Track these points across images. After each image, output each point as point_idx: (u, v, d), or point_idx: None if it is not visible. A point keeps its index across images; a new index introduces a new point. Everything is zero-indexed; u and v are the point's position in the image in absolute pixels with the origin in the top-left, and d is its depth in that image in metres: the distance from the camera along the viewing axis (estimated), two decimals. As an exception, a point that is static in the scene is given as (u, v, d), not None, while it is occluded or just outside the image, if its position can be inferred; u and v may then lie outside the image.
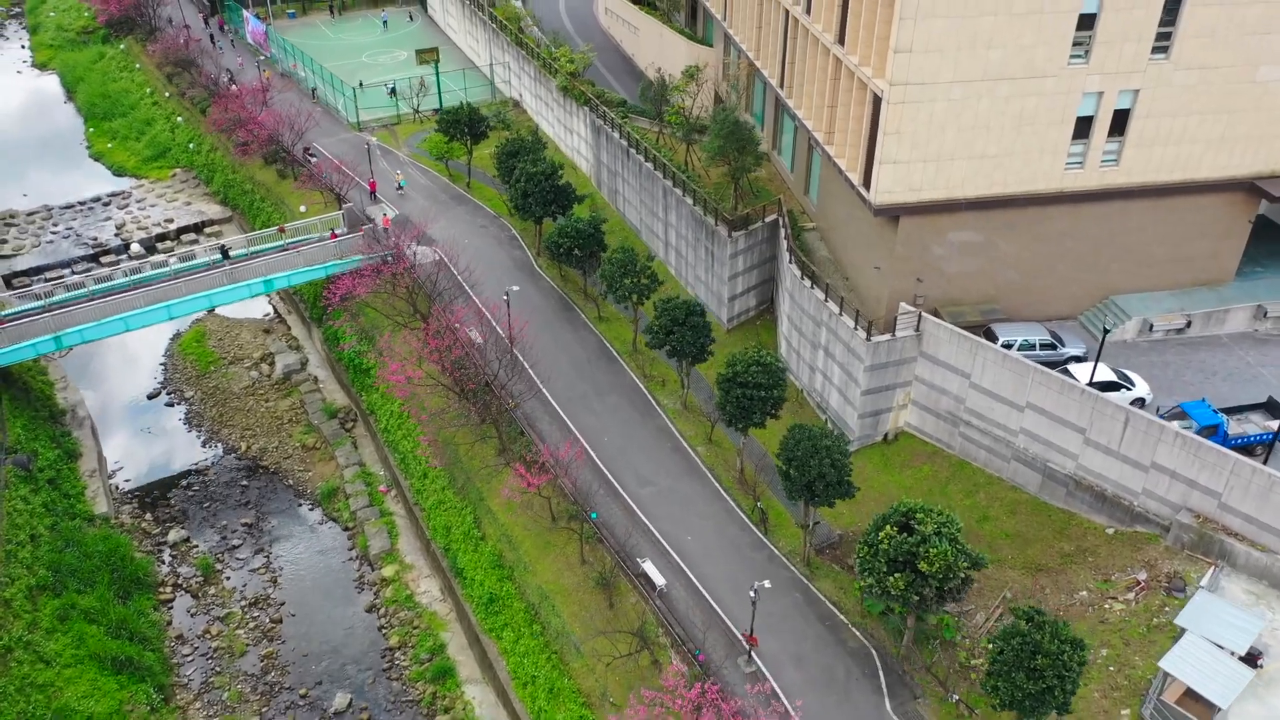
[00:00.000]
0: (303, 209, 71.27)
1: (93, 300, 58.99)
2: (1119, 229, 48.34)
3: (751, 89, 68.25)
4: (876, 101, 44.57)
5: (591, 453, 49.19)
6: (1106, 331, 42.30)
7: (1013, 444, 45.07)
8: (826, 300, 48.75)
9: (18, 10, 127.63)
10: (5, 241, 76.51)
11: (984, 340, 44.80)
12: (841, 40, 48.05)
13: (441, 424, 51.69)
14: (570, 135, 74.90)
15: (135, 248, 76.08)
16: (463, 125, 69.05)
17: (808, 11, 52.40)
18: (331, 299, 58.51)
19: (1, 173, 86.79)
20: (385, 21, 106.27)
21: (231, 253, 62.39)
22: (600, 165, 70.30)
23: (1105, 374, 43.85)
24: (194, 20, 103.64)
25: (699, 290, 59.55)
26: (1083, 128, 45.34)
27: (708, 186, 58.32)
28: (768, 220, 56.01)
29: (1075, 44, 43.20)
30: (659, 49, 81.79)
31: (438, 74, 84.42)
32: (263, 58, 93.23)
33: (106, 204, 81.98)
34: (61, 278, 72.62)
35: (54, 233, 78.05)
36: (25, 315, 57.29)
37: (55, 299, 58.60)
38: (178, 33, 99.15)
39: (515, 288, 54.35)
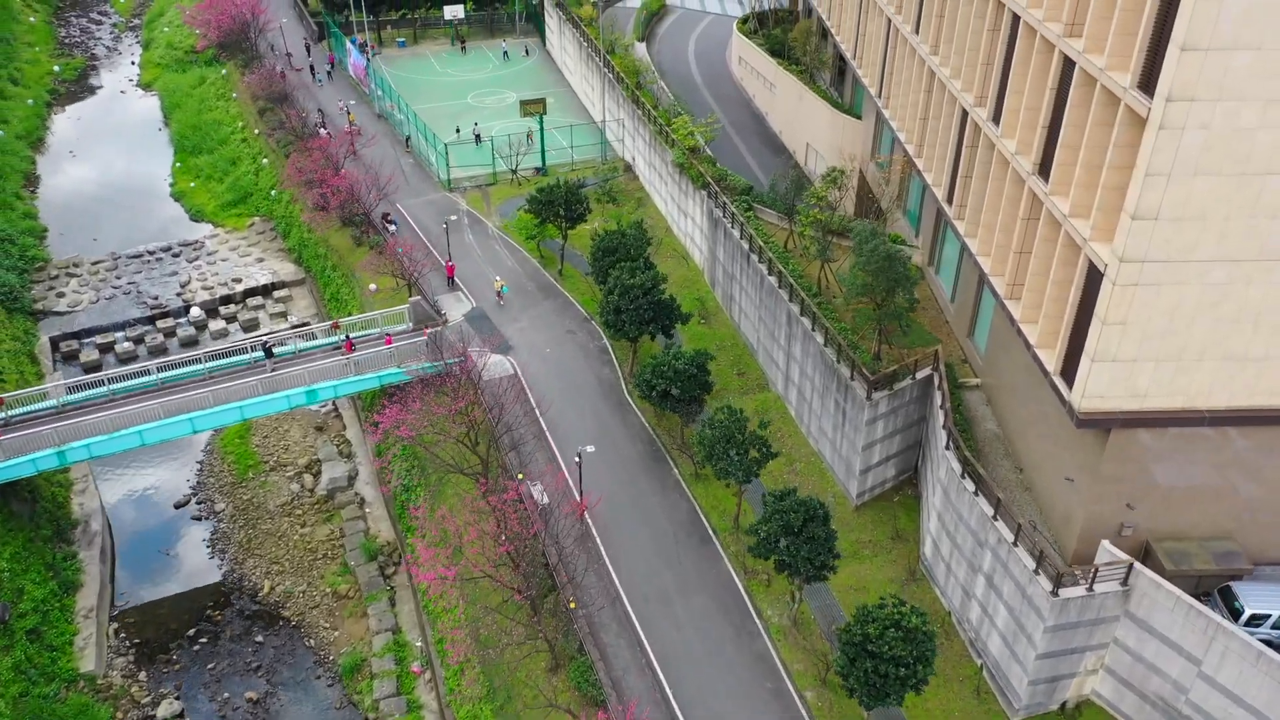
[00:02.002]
0: (372, 288, 62.28)
1: (113, 401, 51.18)
2: None
3: (908, 180, 55.75)
4: (1094, 274, 31.93)
5: (665, 685, 37.94)
6: None
7: (1258, 770, 31.84)
8: (995, 519, 36.26)
9: (137, 22, 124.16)
10: (63, 295, 70.10)
11: (1224, 621, 31.65)
12: (1044, 173, 35.45)
13: (484, 618, 41.30)
14: (684, 219, 63.78)
15: (195, 311, 68.56)
16: (557, 207, 58.67)
17: (995, 120, 39.88)
18: (374, 432, 49.02)
19: (79, 210, 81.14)
20: (505, 53, 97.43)
21: (276, 350, 53.67)
22: (715, 262, 58.94)
23: None
24: (297, 48, 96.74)
25: (823, 446, 47.62)
26: (1396, 326, 31.73)
27: (845, 317, 46.30)
28: (919, 376, 43.74)
29: (1404, 216, 29.72)
30: (796, 112, 70.05)
31: (542, 129, 74.46)
32: (352, 102, 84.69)
33: (176, 255, 75.01)
34: (112, 343, 65.83)
35: (115, 287, 71.32)
36: (33, 418, 49.82)
37: (70, 399, 50.88)
38: (275, 62, 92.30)
39: (590, 448, 43.44)
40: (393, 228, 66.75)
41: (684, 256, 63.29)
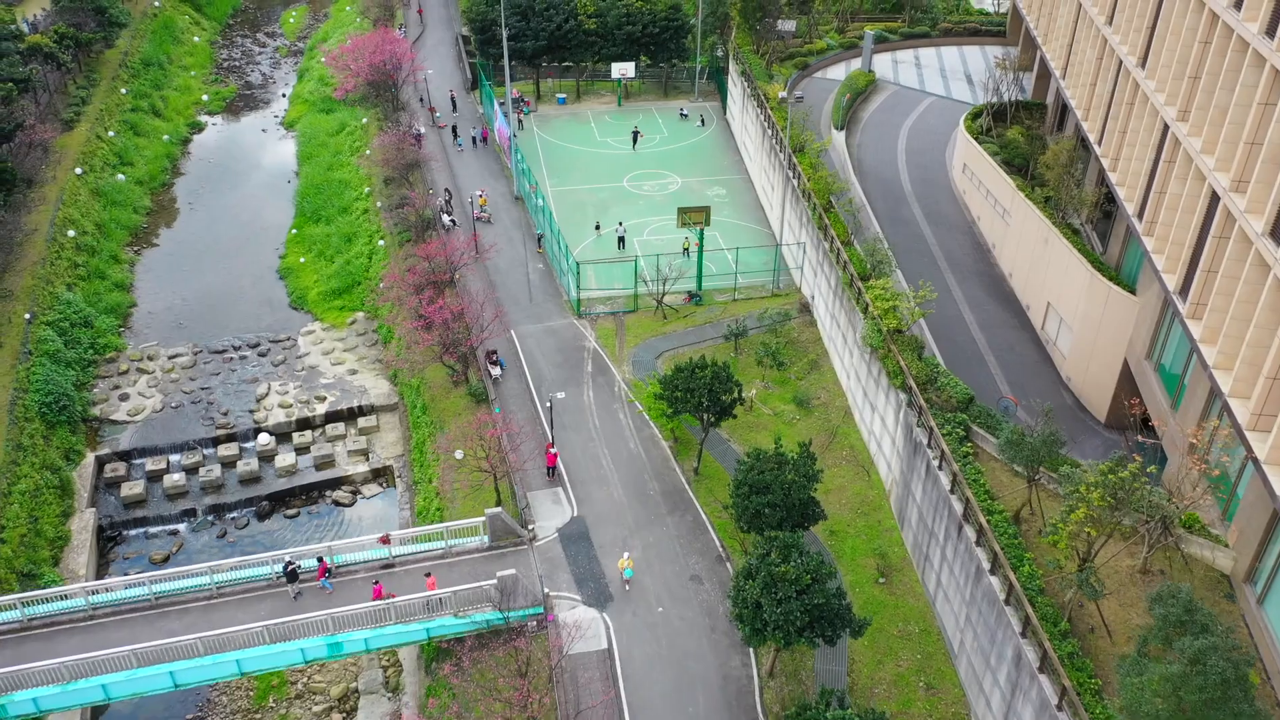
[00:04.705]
0: (458, 455, 48.85)
1: (93, 617, 39.54)
2: None
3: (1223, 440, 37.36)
4: None
5: None
6: None
7: None
8: None
9: (301, 45, 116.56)
10: (127, 398, 60.15)
11: None
12: None
13: None
14: (871, 412, 47.30)
15: (263, 438, 57.26)
16: (698, 396, 43.24)
17: None
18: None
19: (177, 281, 71.70)
20: (683, 114, 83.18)
21: (302, 568, 40.82)
22: (908, 497, 42.32)
23: None
24: (444, 99, 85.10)
25: None
26: None
27: (1112, 692, 29.05)
28: None
29: None
30: (1036, 258, 52.45)
31: (701, 248, 59.32)
32: (479, 192, 71.13)
33: (263, 354, 64.13)
34: (163, 471, 55.22)
35: (185, 392, 60.86)
36: (-10, 635, 38.75)
37: (39, 611, 39.48)
38: (413, 118, 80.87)
39: None
40: (497, 370, 53.20)
41: (865, 466, 46.79)
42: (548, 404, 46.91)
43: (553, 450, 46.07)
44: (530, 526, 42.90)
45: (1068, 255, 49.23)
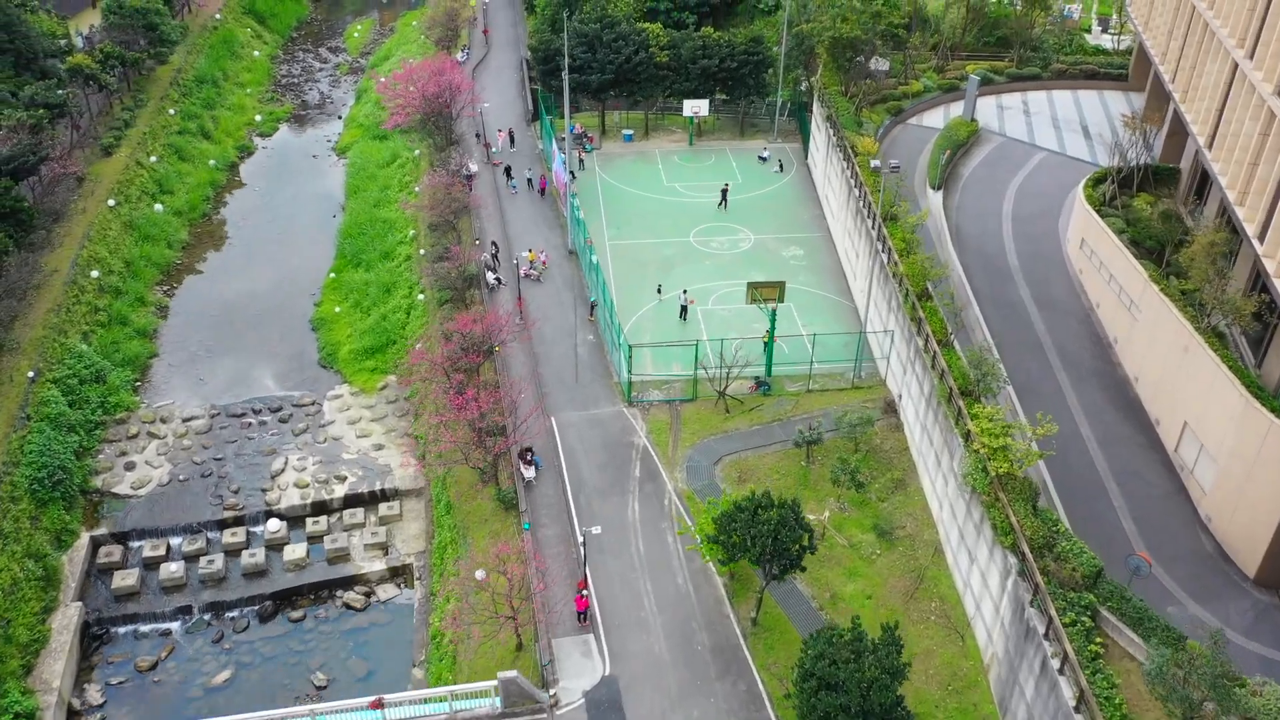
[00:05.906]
0: (480, 575, 42.13)
1: (35, 781, 33.76)
2: None
3: None
4: None
5: None
6: None
7: None
8: None
9: (364, 62, 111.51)
10: (133, 468, 54.86)
11: None
12: None
13: None
14: (968, 562, 39.37)
15: (274, 524, 51.43)
16: (761, 544, 35.72)
17: None
18: None
19: (203, 326, 66.44)
20: (763, 157, 75.77)
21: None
22: (1013, 684, 34.36)
23: None
24: (504, 134, 78.73)
25: None
26: None
27: None
28: None
29: None
30: (1173, 369, 44.10)
31: (772, 329, 51.82)
32: (535, 253, 64.29)
33: (284, 419, 58.38)
34: (162, 558, 49.73)
35: (197, 463, 55.34)
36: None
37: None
38: (465, 156, 74.68)
39: None
40: (531, 472, 46.47)
41: (959, 628, 38.84)
42: (581, 540, 39.73)
43: (585, 595, 38.96)
44: (552, 691, 36.01)
45: (1214, 371, 40.83)
